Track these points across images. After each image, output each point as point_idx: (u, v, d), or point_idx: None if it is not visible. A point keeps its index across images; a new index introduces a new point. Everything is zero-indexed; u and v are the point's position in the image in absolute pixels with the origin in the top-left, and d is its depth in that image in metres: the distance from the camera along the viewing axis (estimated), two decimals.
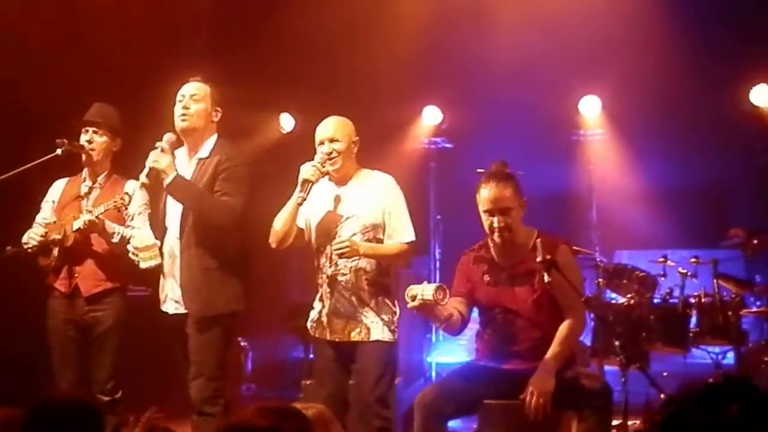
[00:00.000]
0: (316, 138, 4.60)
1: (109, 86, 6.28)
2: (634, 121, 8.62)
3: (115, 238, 4.87)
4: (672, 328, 6.44)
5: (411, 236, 4.58)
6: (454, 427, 4.99)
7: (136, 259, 4.67)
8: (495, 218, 4.35)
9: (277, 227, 4.59)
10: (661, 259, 6.88)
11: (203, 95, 4.70)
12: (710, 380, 2.23)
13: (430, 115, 9.27)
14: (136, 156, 4.94)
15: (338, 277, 4.53)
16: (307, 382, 5.98)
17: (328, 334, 4.58)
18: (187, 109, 4.64)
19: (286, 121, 9.43)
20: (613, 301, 6.88)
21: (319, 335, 4.63)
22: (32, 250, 4.95)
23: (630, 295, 6.63)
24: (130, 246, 4.70)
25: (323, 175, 4.51)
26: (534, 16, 8.05)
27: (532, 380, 4.23)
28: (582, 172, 8.96)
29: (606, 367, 6.37)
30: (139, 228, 4.95)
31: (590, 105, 8.90)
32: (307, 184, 4.45)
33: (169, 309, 4.70)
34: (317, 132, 4.61)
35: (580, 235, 8.30)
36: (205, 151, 4.68)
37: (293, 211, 4.54)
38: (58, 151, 4.99)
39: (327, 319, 4.57)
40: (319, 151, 4.55)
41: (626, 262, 7.42)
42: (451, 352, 8.07)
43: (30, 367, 5.62)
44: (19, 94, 6.48)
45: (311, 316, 4.67)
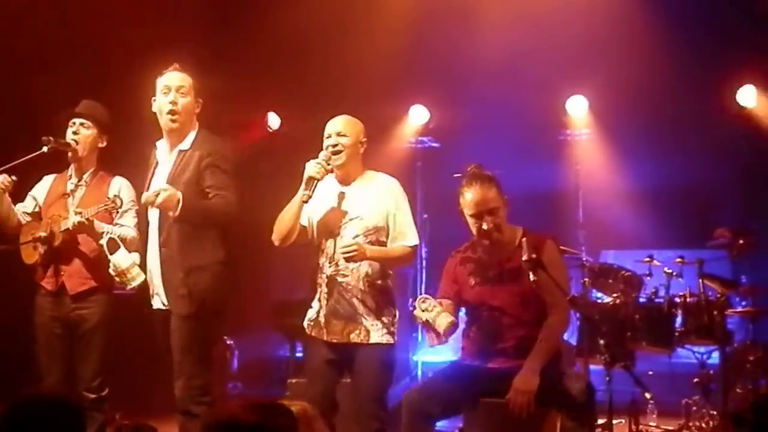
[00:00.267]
0: (325, 132, 4.58)
1: (95, 83, 6.27)
2: (620, 121, 8.64)
3: (104, 238, 4.85)
4: (657, 328, 6.45)
5: (415, 240, 4.60)
6: (440, 426, 4.99)
7: (119, 281, 4.66)
8: (484, 220, 4.36)
9: (281, 225, 4.56)
10: (647, 259, 6.90)
11: (188, 88, 4.63)
12: None
13: (417, 115, 9.26)
14: (123, 152, 4.94)
15: (338, 278, 4.52)
16: (293, 381, 5.99)
17: (325, 335, 4.55)
18: (175, 105, 4.57)
19: (273, 120, 9.42)
20: (599, 301, 6.90)
21: (315, 335, 4.60)
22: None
23: (616, 295, 6.65)
24: (111, 268, 4.64)
25: (328, 173, 4.48)
26: (521, 16, 8.06)
27: (516, 379, 4.24)
28: (569, 172, 8.97)
29: (591, 366, 6.37)
30: (128, 225, 4.96)
31: (577, 105, 8.91)
32: (312, 182, 4.42)
33: (155, 304, 4.66)
34: (326, 126, 4.59)
35: (566, 235, 8.30)
36: (186, 144, 4.63)
37: (297, 209, 4.51)
38: (44, 149, 4.98)
39: (325, 320, 4.54)
40: (326, 144, 4.53)
41: (612, 262, 7.43)
42: (437, 351, 8.05)
43: (20, 364, 5.59)
44: (4, 91, 6.46)
45: (309, 315, 4.65)
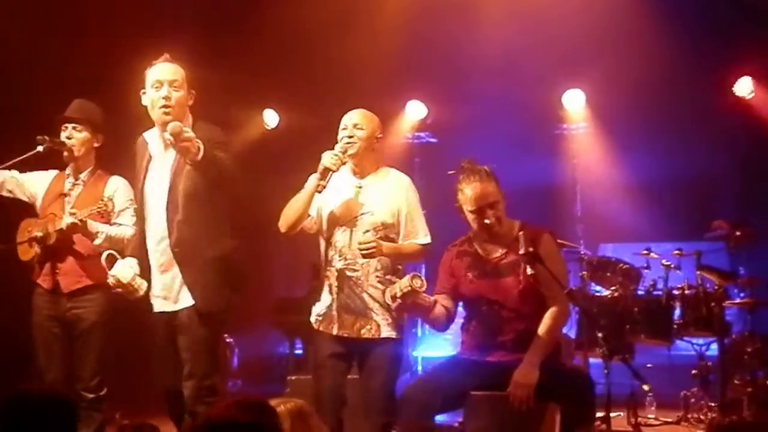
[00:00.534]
0: (341, 124, 4.58)
1: (89, 82, 6.26)
2: (617, 115, 8.64)
3: (99, 238, 4.86)
4: (656, 320, 6.48)
5: (427, 239, 4.59)
6: (440, 420, 4.99)
7: (123, 293, 4.47)
8: (486, 214, 4.37)
9: (290, 212, 4.53)
10: (645, 252, 6.90)
11: (181, 81, 4.43)
12: None
13: (415, 110, 9.27)
14: (122, 149, 4.91)
15: (347, 272, 4.51)
16: (293, 378, 5.99)
17: (335, 329, 4.54)
18: (169, 100, 4.38)
19: (270, 117, 9.41)
20: (598, 294, 6.91)
21: (324, 329, 4.59)
22: None
23: (614, 288, 6.66)
24: (111, 281, 4.45)
25: (343, 164, 4.48)
26: (518, 10, 8.05)
27: (516, 373, 4.25)
28: (566, 166, 8.98)
29: (591, 359, 6.40)
30: (126, 224, 4.93)
31: (574, 99, 8.92)
32: (327, 173, 4.41)
33: (156, 305, 4.52)
34: (343, 119, 4.59)
35: (564, 229, 8.32)
36: (165, 138, 4.36)
37: (308, 198, 4.49)
38: (39, 148, 4.97)
39: (337, 314, 4.53)
40: (341, 135, 4.53)
41: (610, 255, 7.45)
42: (437, 346, 8.10)
43: (20, 363, 5.58)
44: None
45: (317, 310, 4.62)
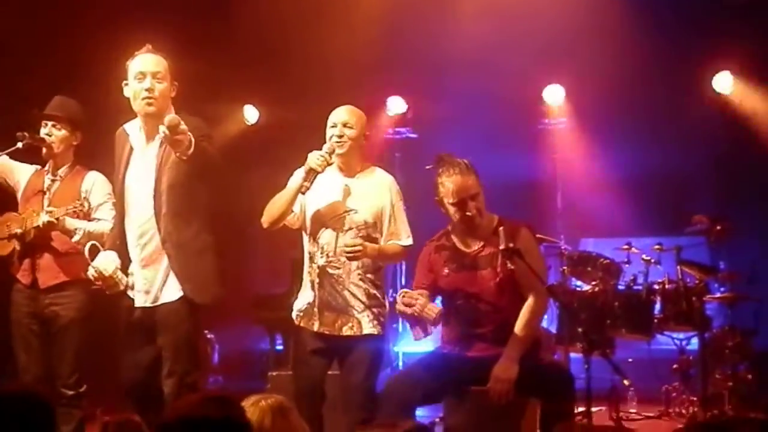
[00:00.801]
0: (329, 121, 4.56)
1: (69, 76, 6.23)
2: (597, 110, 8.65)
3: (78, 234, 4.83)
4: (636, 315, 6.50)
5: (409, 240, 4.62)
6: (421, 416, 5.00)
7: (102, 287, 4.45)
8: (467, 206, 4.38)
9: (273, 209, 4.53)
10: (626, 247, 6.93)
11: (164, 72, 4.37)
12: None
13: (395, 105, 9.25)
14: (100, 144, 4.88)
15: (329, 270, 4.51)
16: (274, 374, 5.99)
17: (316, 326, 4.55)
18: (152, 92, 4.34)
19: (250, 113, 9.38)
20: (578, 289, 6.92)
21: (305, 325, 4.59)
22: None
23: (594, 283, 6.68)
24: (91, 272, 4.42)
25: (329, 165, 4.47)
26: (497, 5, 8.05)
27: (496, 368, 4.27)
28: (547, 161, 8.98)
29: (572, 354, 6.41)
30: (105, 219, 4.89)
31: (554, 94, 8.91)
32: (312, 174, 4.41)
33: (136, 300, 4.46)
34: (331, 116, 4.57)
35: (545, 224, 8.32)
36: (161, 131, 4.27)
37: (292, 197, 4.49)
38: (19, 144, 4.98)
39: (318, 311, 4.53)
40: (330, 133, 4.52)
41: (591, 250, 7.46)
42: (419, 341, 8.07)
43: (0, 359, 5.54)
44: None
45: (298, 306, 4.63)
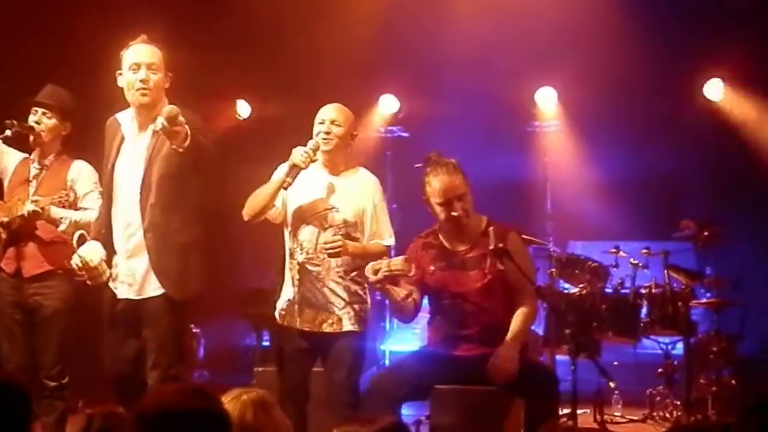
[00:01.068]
0: (317, 117, 4.55)
1: (61, 67, 6.19)
2: (589, 113, 8.66)
3: (63, 224, 4.80)
4: (623, 318, 6.51)
5: (391, 240, 4.62)
6: (407, 415, 5.00)
7: (85, 277, 4.41)
8: (453, 206, 4.38)
9: (254, 202, 4.51)
10: (614, 250, 6.93)
11: (159, 63, 4.35)
12: None
13: (387, 104, 9.24)
14: (86, 132, 4.86)
15: (308, 266, 4.50)
16: (260, 369, 5.96)
17: (297, 323, 4.54)
18: (146, 83, 4.32)
19: (243, 108, 9.37)
20: (566, 291, 6.92)
21: (287, 323, 4.58)
22: None
23: (582, 285, 6.68)
24: (75, 260, 4.39)
25: (313, 162, 4.45)
26: (491, 6, 8.06)
27: (497, 352, 4.26)
28: (537, 163, 9.00)
29: (558, 356, 6.42)
30: (91, 208, 4.85)
31: (546, 96, 8.92)
32: (295, 169, 4.40)
33: (119, 292, 4.44)
34: (320, 112, 4.56)
35: (534, 226, 8.35)
36: (159, 122, 4.25)
37: (274, 191, 4.47)
38: (8, 132, 4.94)
39: (298, 308, 4.53)
40: (317, 129, 4.51)
41: (579, 253, 7.47)
42: (405, 340, 8.09)
43: None
44: None
45: (280, 304, 4.63)
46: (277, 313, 4.65)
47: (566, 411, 5.01)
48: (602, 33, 7.94)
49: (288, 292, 4.59)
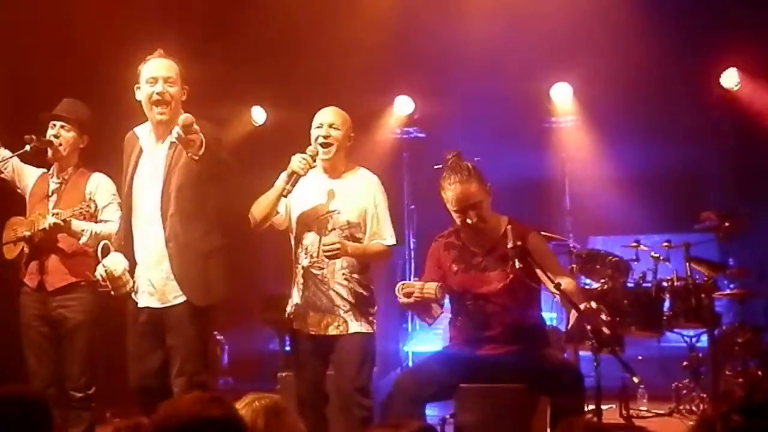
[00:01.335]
0: (315, 121, 4.57)
1: (78, 79, 6.23)
2: (605, 107, 8.63)
3: (84, 236, 4.84)
4: (646, 312, 6.47)
5: (392, 240, 4.63)
6: (432, 415, 4.99)
7: (108, 287, 4.45)
8: (468, 215, 4.36)
9: (257, 210, 4.55)
10: (634, 244, 6.90)
11: (175, 77, 4.43)
12: None
13: (402, 105, 9.24)
14: (104, 145, 4.89)
15: (313, 270, 4.53)
16: (284, 374, 5.97)
17: (304, 327, 4.57)
18: (163, 96, 4.38)
19: (258, 114, 9.39)
20: (587, 287, 6.89)
21: (297, 327, 4.61)
22: None
23: (603, 280, 6.65)
24: (100, 271, 4.43)
25: (312, 168, 4.47)
26: (503, 3, 8.04)
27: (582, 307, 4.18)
28: (555, 159, 8.96)
29: (581, 352, 6.39)
30: (112, 220, 4.90)
31: (562, 92, 8.90)
32: (294, 177, 4.42)
33: (141, 301, 4.49)
34: (317, 116, 4.59)
35: (553, 222, 8.32)
36: (175, 131, 4.30)
37: (275, 199, 4.50)
38: (27, 147, 4.99)
39: (303, 312, 4.56)
40: (315, 134, 4.53)
41: (599, 248, 7.44)
42: (428, 341, 8.08)
43: (9, 365, 5.53)
44: None
45: (289, 308, 4.66)
46: (287, 317, 4.68)
47: (591, 407, 4.99)
48: (616, 26, 7.90)
49: (295, 297, 4.62)
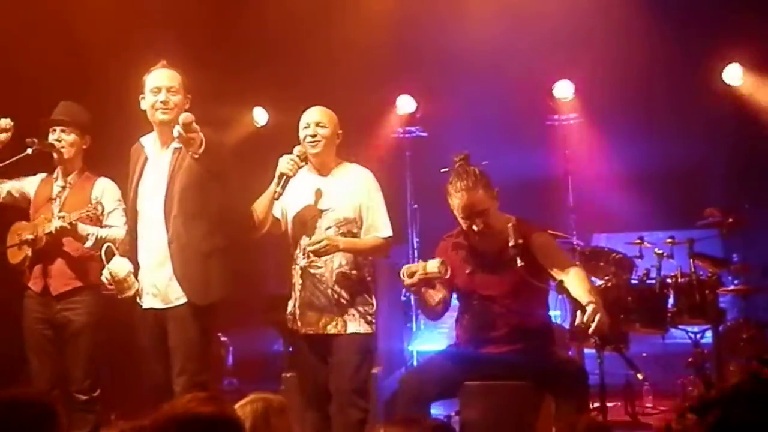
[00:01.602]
0: (302, 121, 4.58)
1: (77, 82, 6.24)
2: (608, 105, 8.62)
3: (90, 240, 4.87)
4: (650, 309, 6.45)
5: (388, 232, 4.60)
6: (437, 413, 5.00)
7: (113, 290, 4.56)
8: (474, 222, 4.34)
9: (253, 216, 4.56)
10: (638, 241, 6.90)
11: (178, 86, 4.56)
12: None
13: (404, 104, 9.25)
14: (111, 148, 4.90)
15: (311, 270, 4.53)
16: (288, 375, 5.99)
17: (301, 327, 4.56)
18: (167, 104, 4.51)
19: (260, 115, 9.40)
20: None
21: (296, 327, 4.61)
22: None
23: (607, 278, 6.65)
24: (105, 274, 4.53)
25: (300, 168, 4.48)
26: (506, 1, 8.04)
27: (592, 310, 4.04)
28: (558, 157, 8.96)
29: (586, 350, 6.39)
30: (117, 225, 4.95)
31: (564, 89, 8.89)
32: (283, 178, 4.43)
33: (145, 302, 4.57)
34: (303, 116, 4.60)
35: (557, 220, 8.30)
36: (176, 130, 4.37)
37: (268, 204, 4.52)
38: (29, 151, 4.98)
39: (300, 312, 4.55)
40: (303, 134, 4.54)
41: (603, 245, 7.44)
42: (432, 340, 8.08)
43: (12, 368, 5.55)
44: None
45: (288, 309, 4.66)
46: (287, 318, 4.68)
47: (596, 404, 4.99)
48: (619, 23, 7.91)
49: (294, 297, 4.61)
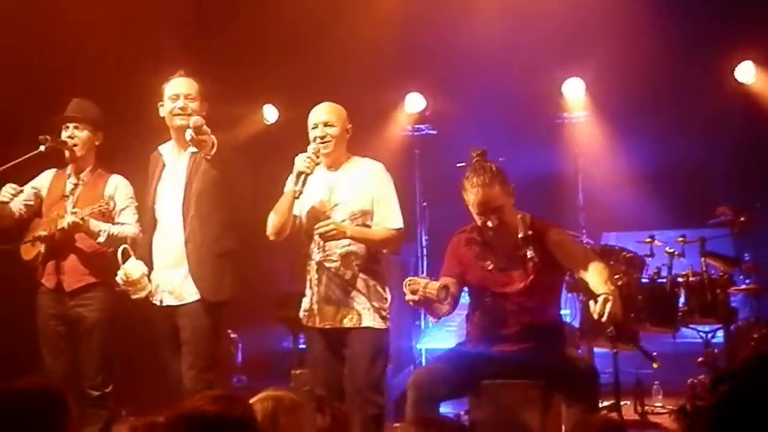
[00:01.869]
0: (310, 122, 4.60)
1: (88, 80, 6.24)
2: (618, 102, 8.60)
3: (102, 236, 4.90)
4: (661, 308, 6.44)
5: (399, 223, 4.59)
6: (446, 411, 4.99)
7: (126, 290, 4.73)
8: (489, 218, 4.33)
9: (275, 219, 4.56)
10: (648, 240, 6.87)
11: (195, 94, 4.76)
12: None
13: (413, 102, 9.24)
14: (120, 150, 4.94)
15: (326, 264, 4.54)
16: (297, 372, 6.00)
17: (318, 322, 4.57)
18: (184, 110, 4.69)
19: (270, 113, 9.40)
20: None
21: (311, 324, 4.62)
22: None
23: (618, 276, 6.57)
24: (120, 275, 4.69)
25: (317, 165, 4.49)
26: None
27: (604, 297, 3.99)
28: (567, 155, 8.95)
29: (596, 349, 6.38)
30: (129, 223, 5.01)
31: (574, 87, 8.88)
32: (302, 177, 4.44)
33: (160, 300, 4.74)
34: (311, 116, 4.61)
35: (567, 218, 8.30)
36: (188, 133, 4.57)
37: (289, 204, 4.53)
38: (42, 148, 5.01)
39: (318, 307, 4.56)
40: (312, 135, 4.55)
41: (613, 244, 7.41)
42: (441, 338, 8.07)
43: (25, 364, 5.56)
44: (1, 92, 6.43)
45: (303, 306, 4.67)
46: (301, 315, 4.69)
47: (606, 403, 4.98)
48: (628, 20, 7.87)
49: (309, 293, 4.63)
